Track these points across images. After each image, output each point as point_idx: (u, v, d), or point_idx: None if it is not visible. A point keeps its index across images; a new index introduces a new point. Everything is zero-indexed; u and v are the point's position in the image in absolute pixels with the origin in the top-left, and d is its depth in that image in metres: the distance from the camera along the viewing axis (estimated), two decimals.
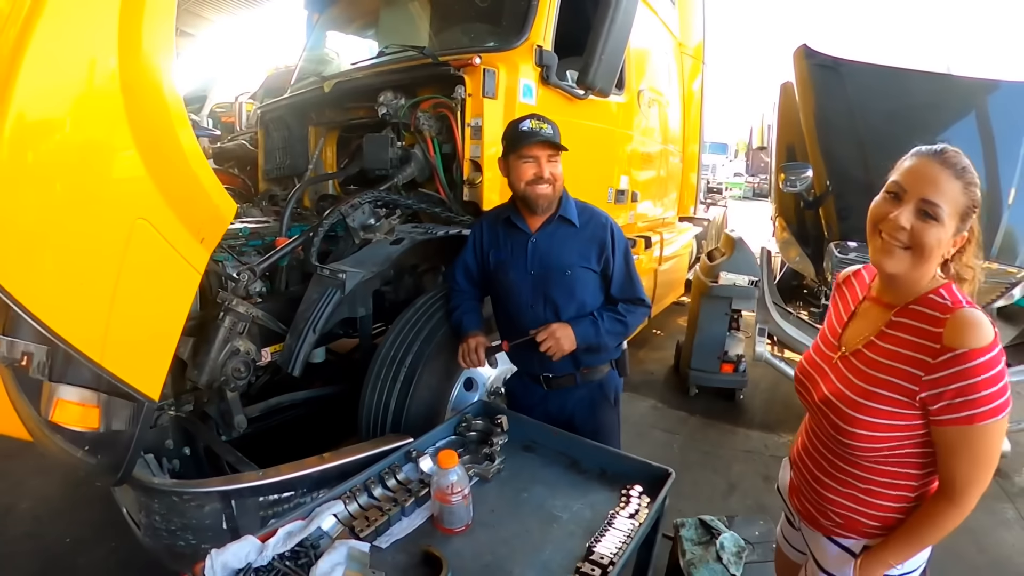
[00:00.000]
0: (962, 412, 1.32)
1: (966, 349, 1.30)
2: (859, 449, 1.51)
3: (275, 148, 4.76)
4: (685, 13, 6.70)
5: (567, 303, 2.49)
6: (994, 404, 1.30)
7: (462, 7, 4.19)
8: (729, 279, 5.25)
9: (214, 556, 1.47)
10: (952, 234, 1.40)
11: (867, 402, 1.47)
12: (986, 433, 1.32)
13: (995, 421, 1.31)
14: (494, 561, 1.64)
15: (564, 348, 2.40)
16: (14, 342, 1.75)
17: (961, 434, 1.34)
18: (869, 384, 1.48)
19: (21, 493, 3.69)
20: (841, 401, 1.53)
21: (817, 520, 1.68)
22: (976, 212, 1.41)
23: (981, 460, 1.36)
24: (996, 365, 1.30)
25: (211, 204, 1.97)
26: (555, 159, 2.40)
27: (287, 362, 2.65)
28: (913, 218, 1.40)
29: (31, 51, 1.50)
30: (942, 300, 1.41)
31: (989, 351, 1.30)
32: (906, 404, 1.41)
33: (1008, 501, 4.02)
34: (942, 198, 1.37)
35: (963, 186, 1.38)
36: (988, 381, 1.29)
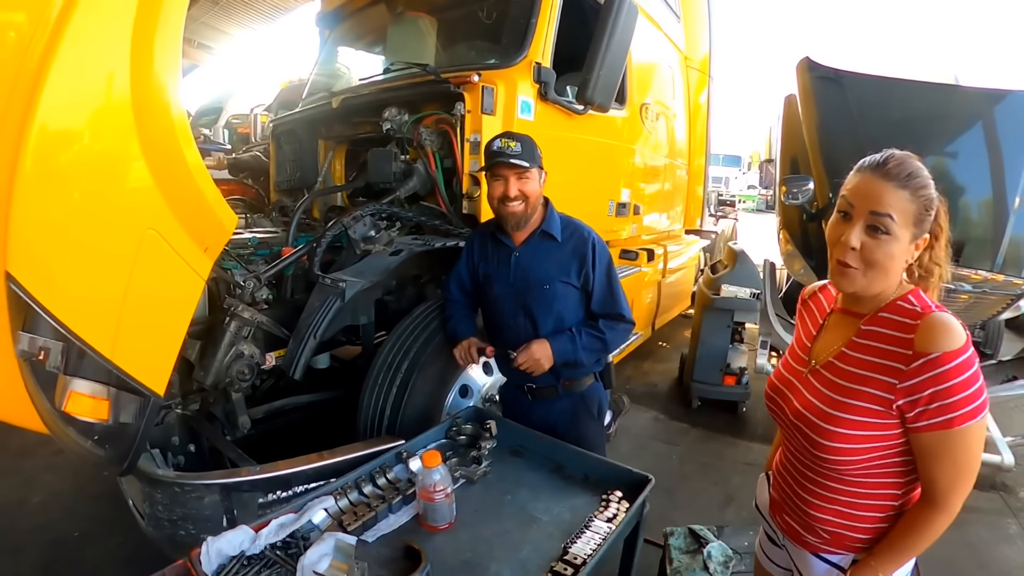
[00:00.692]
0: (940, 416, 1.30)
1: (939, 352, 1.29)
2: (837, 463, 1.48)
3: (286, 160, 4.84)
4: (691, 27, 6.73)
5: (545, 317, 2.55)
6: (972, 406, 1.29)
7: (466, 25, 4.28)
8: (731, 291, 5.28)
9: (210, 543, 1.57)
10: (909, 241, 1.39)
11: (841, 414, 1.44)
12: (965, 436, 1.31)
13: (974, 423, 1.30)
14: (473, 558, 1.71)
15: (543, 366, 2.47)
16: (33, 338, 1.87)
17: (940, 439, 1.33)
18: (842, 395, 1.46)
19: (33, 488, 3.79)
20: (814, 415, 1.50)
21: (803, 537, 1.65)
22: (932, 213, 1.40)
23: (962, 463, 1.35)
24: (970, 367, 1.29)
25: (214, 216, 2.08)
26: (526, 176, 2.44)
27: (289, 366, 2.74)
28: (863, 235, 1.38)
29: (55, 69, 1.62)
30: (911, 306, 1.40)
31: (962, 353, 1.28)
32: (882, 414, 1.39)
33: (1011, 516, 3.97)
34: (890, 206, 1.35)
35: (910, 193, 1.36)
36: (964, 383, 1.28)
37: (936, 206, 1.40)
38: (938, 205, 1.41)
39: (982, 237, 4.30)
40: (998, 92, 4.53)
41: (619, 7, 3.47)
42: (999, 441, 4.11)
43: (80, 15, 1.64)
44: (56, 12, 1.63)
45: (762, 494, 1.90)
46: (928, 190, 1.38)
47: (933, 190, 1.39)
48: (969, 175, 4.46)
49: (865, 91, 4.81)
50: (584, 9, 3.92)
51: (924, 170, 1.39)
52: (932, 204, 1.39)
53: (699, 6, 7.10)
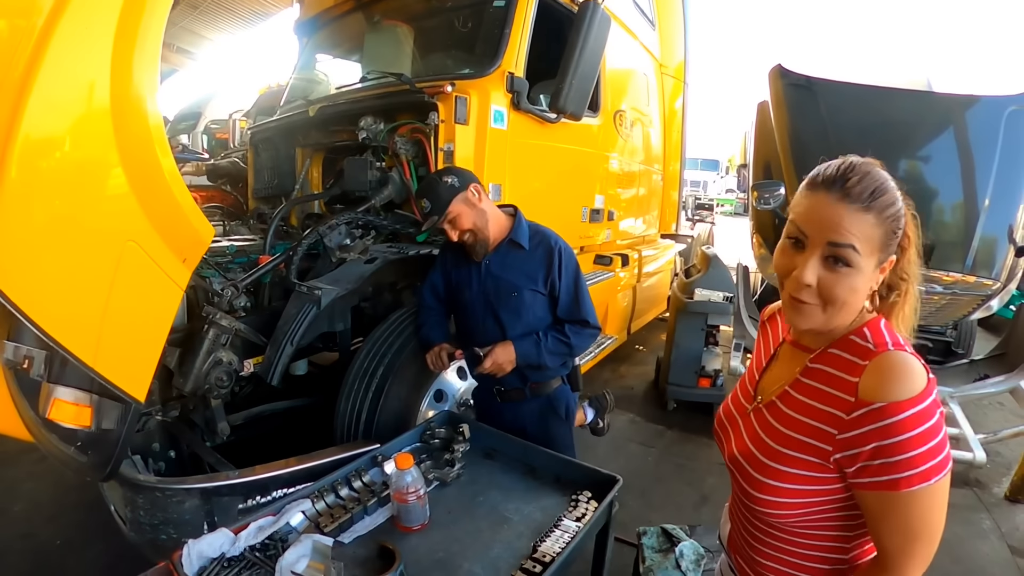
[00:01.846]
0: (883, 476, 1.09)
1: (885, 403, 1.08)
2: (769, 515, 1.30)
3: (264, 168, 4.86)
4: (666, 34, 6.82)
5: (513, 323, 2.63)
6: (923, 467, 1.07)
7: (442, 34, 4.33)
8: (704, 295, 5.32)
9: (190, 546, 1.61)
10: (874, 268, 1.17)
11: (776, 465, 1.26)
12: (916, 500, 1.10)
13: (926, 486, 1.08)
14: (446, 557, 1.76)
15: (505, 368, 2.57)
16: (18, 347, 1.92)
17: (885, 500, 1.12)
18: (779, 444, 1.27)
19: (14, 497, 3.78)
20: (748, 461, 1.33)
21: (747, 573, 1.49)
22: (900, 231, 1.17)
23: (915, 531, 1.13)
24: (925, 420, 1.07)
25: (191, 227, 2.12)
26: (454, 218, 2.54)
27: (267, 373, 2.78)
28: (820, 269, 1.17)
29: (41, 78, 1.65)
30: (863, 342, 1.19)
31: (915, 404, 1.07)
32: (819, 466, 1.19)
33: (985, 511, 4.05)
34: (851, 240, 1.13)
35: (876, 215, 1.12)
36: (914, 440, 1.06)
37: (904, 220, 1.18)
38: (906, 215, 1.19)
39: (953, 239, 4.38)
40: (969, 98, 4.60)
41: (591, 17, 3.53)
42: (971, 438, 4.20)
43: (65, 25, 1.68)
44: (42, 21, 1.66)
45: (725, 527, 1.69)
46: (895, 206, 1.15)
47: (900, 202, 1.16)
48: (940, 179, 4.53)
49: (837, 97, 4.87)
50: (558, 18, 3.98)
51: (889, 180, 1.17)
52: (900, 221, 1.17)
53: (674, 13, 7.18)
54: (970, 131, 4.47)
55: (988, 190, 4.37)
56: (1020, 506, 4.16)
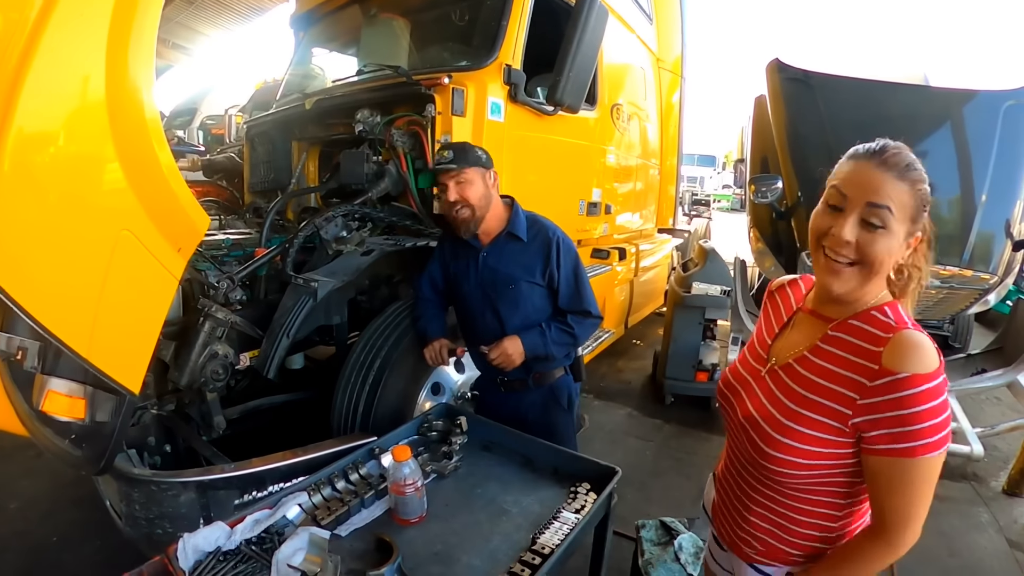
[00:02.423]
0: (900, 443, 1.19)
1: (908, 374, 1.18)
2: (781, 474, 1.37)
3: (260, 162, 4.85)
4: (663, 28, 6.81)
5: (511, 314, 2.62)
6: (936, 437, 1.17)
7: (439, 27, 4.31)
8: (701, 289, 5.33)
9: (186, 539, 1.60)
10: (904, 238, 1.26)
11: (793, 424, 1.33)
12: (925, 467, 1.20)
13: (935, 456, 1.18)
14: (444, 550, 1.75)
15: (514, 361, 2.55)
16: (11, 338, 1.89)
17: (898, 467, 1.21)
18: (797, 404, 1.35)
19: (9, 494, 3.77)
20: (766, 421, 1.40)
21: (738, 546, 1.58)
22: (927, 209, 1.27)
23: (918, 496, 1.23)
24: (940, 394, 1.18)
25: (187, 217, 2.10)
26: (463, 180, 2.50)
27: (263, 366, 2.77)
28: (858, 230, 1.26)
29: (33, 71, 1.63)
30: (884, 318, 1.28)
31: (934, 378, 1.17)
32: (836, 430, 1.28)
33: (982, 505, 4.07)
34: (888, 202, 1.23)
35: (910, 186, 1.23)
36: (931, 411, 1.16)
37: (928, 206, 1.28)
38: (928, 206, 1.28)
39: (950, 233, 4.38)
40: (967, 92, 4.60)
41: (589, 9, 3.52)
42: (969, 432, 4.21)
43: (58, 17, 1.66)
44: (35, 14, 1.64)
45: (709, 495, 1.82)
46: (925, 184, 1.25)
47: (928, 184, 1.26)
48: (937, 173, 4.47)
49: (834, 92, 4.88)
50: (555, 11, 3.97)
51: (919, 162, 1.26)
52: (927, 201, 1.26)
53: (671, 8, 7.17)
54: (967, 125, 4.48)
55: (985, 184, 4.37)
56: (1017, 499, 4.17)
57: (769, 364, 1.50)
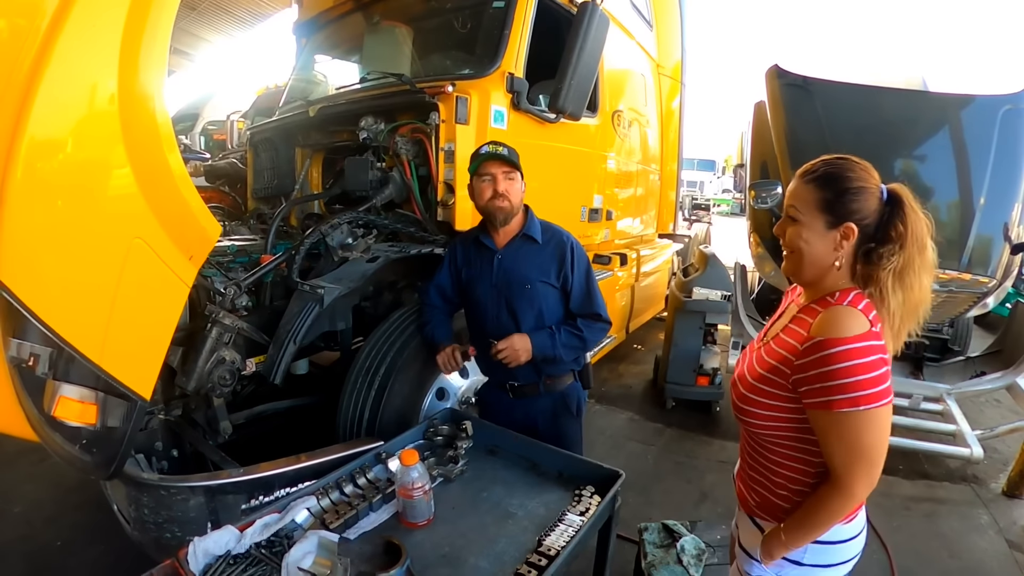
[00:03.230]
0: (820, 397, 1.40)
1: (823, 338, 1.39)
2: (753, 427, 1.63)
3: (263, 168, 4.86)
4: (663, 35, 6.84)
5: (526, 314, 2.64)
6: (853, 394, 1.34)
7: (442, 35, 4.34)
8: (702, 294, 5.34)
9: (196, 543, 1.62)
10: (825, 227, 1.49)
11: (758, 384, 1.59)
12: (849, 421, 1.37)
13: (858, 411, 1.35)
14: (451, 552, 1.78)
15: (520, 358, 2.56)
16: (23, 344, 1.91)
17: (824, 419, 1.42)
18: (763, 369, 1.59)
19: (13, 498, 3.78)
20: (741, 383, 1.68)
21: (744, 499, 1.78)
22: (845, 200, 1.46)
23: (854, 448, 1.40)
24: (859, 356, 1.35)
25: (198, 225, 2.13)
26: (511, 176, 2.58)
27: (269, 372, 2.78)
28: (783, 226, 1.58)
29: (47, 77, 1.66)
30: (830, 299, 1.50)
31: (848, 343, 1.36)
32: (782, 386, 1.51)
33: (982, 507, 4.08)
34: (794, 200, 1.53)
35: (816, 186, 1.49)
36: (847, 370, 1.35)
37: (857, 193, 1.46)
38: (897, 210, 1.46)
39: (949, 237, 4.39)
40: (964, 97, 4.62)
41: (590, 17, 3.55)
42: (968, 434, 4.23)
43: (72, 24, 1.68)
44: (48, 21, 1.66)
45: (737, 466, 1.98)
46: (840, 183, 1.47)
47: (853, 182, 1.47)
48: (936, 177, 4.55)
49: (833, 97, 4.89)
50: (556, 19, 3.99)
51: (857, 170, 1.49)
52: (848, 193, 1.46)
53: (671, 14, 7.20)
54: (965, 130, 4.50)
55: (984, 188, 4.39)
56: (1017, 501, 4.18)
57: (761, 343, 1.75)
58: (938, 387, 4.83)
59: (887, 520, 3.78)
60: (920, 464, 4.60)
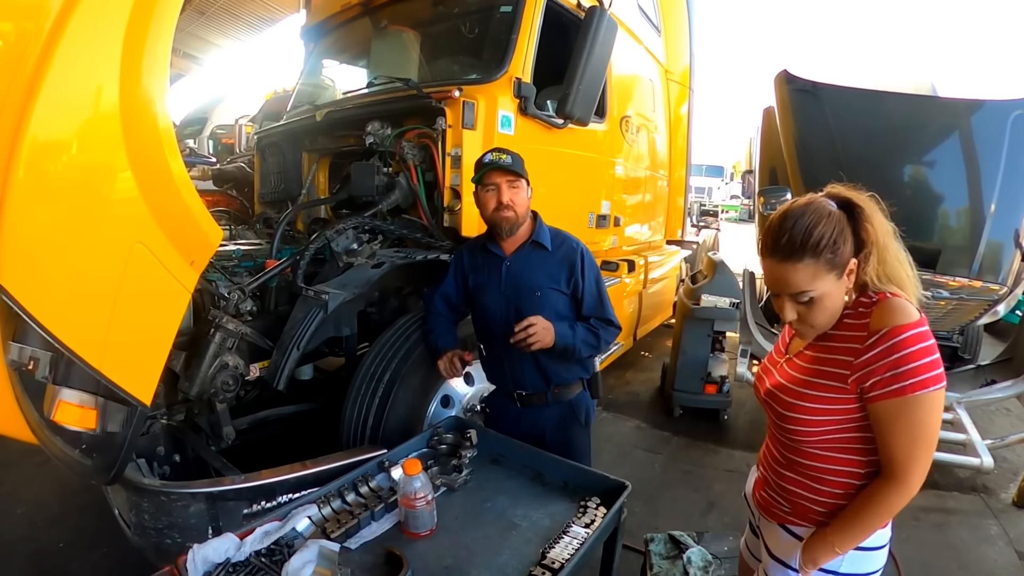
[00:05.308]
0: (894, 384, 1.37)
1: (891, 326, 1.38)
2: (800, 434, 1.58)
3: (270, 172, 4.85)
4: (671, 40, 6.81)
5: None
6: (926, 376, 1.35)
7: (449, 40, 4.33)
8: (710, 301, 5.31)
9: (196, 550, 1.60)
10: (838, 279, 1.46)
11: (804, 390, 1.55)
12: (921, 404, 1.37)
13: (927, 392, 1.36)
14: (454, 563, 1.75)
15: (545, 339, 2.45)
16: (23, 348, 1.90)
17: (895, 407, 1.39)
18: (807, 375, 1.57)
19: (16, 499, 3.79)
20: (781, 391, 1.63)
21: (773, 508, 1.74)
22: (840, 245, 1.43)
23: (919, 434, 1.39)
24: (924, 340, 1.37)
25: (199, 230, 2.12)
26: (516, 186, 2.53)
27: (273, 377, 2.77)
28: (797, 307, 1.51)
29: (49, 80, 1.65)
30: (868, 299, 1.49)
31: (915, 327, 1.37)
32: (839, 389, 1.48)
33: (992, 517, 4.03)
34: (801, 286, 1.45)
35: (809, 258, 1.42)
36: (917, 353, 1.35)
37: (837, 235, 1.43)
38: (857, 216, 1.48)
39: (959, 244, 4.38)
40: (974, 102, 4.60)
41: (598, 22, 3.54)
42: (978, 444, 4.18)
43: (74, 26, 1.68)
44: (50, 23, 1.66)
45: (750, 483, 1.97)
46: (825, 237, 1.42)
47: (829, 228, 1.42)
48: (946, 183, 4.54)
49: (842, 102, 4.88)
50: (564, 24, 3.98)
51: (812, 216, 1.43)
52: (834, 241, 1.42)
53: (679, 19, 7.17)
54: (975, 136, 4.48)
55: (994, 195, 4.37)
56: None
57: (786, 356, 1.74)
58: (948, 396, 4.78)
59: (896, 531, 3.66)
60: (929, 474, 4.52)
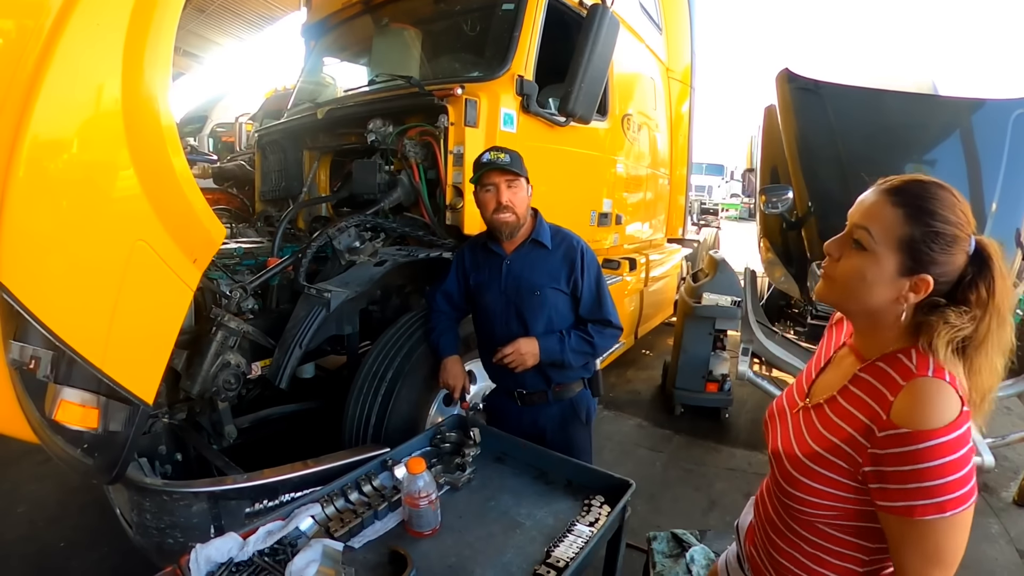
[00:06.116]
0: (900, 501, 1.12)
1: (911, 430, 1.10)
2: (802, 512, 1.34)
3: (271, 171, 4.84)
4: (672, 38, 6.80)
5: (536, 321, 2.61)
6: (941, 499, 1.08)
7: (451, 37, 4.32)
8: (712, 299, 5.31)
9: (198, 550, 1.59)
10: (895, 271, 1.19)
11: (811, 464, 1.29)
12: (932, 529, 1.11)
13: (941, 518, 1.09)
14: (458, 562, 1.74)
15: (527, 362, 2.53)
16: (24, 347, 1.89)
17: (900, 525, 1.14)
18: (818, 445, 1.30)
19: (17, 498, 3.77)
20: (788, 458, 1.37)
21: (761, 572, 1.54)
22: (937, 252, 1.17)
23: (932, 557, 1.13)
24: (951, 452, 1.07)
25: (202, 228, 2.11)
26: (514, 185, 2.52)
27: (275, 375, 2.76)
28: (842, 247, 1.27)
29: (50, 77, 1.64)
30: (907, 362, 1.18)
31: (943, 435, 1.07)
32: (850, 474, 1.22)
33: (993, 516, 4.04)
34: (871, 222, 1.21)
35: (906, 214, 1.17)
36: (936, 470, 1.08)
37: (949, 239, 1.17)
38: (961, 261, 1.19)
39: None
40: (975, 101, 4.59)
41: (600, 20, 3.53)
42: (979, 442, 4.17)
43: (75, 24, 1.67)
44: (51, 21, 1.65)
45: (745, 518, 1.76)
46: (938, 223, 1.17)
47: (952, 228, 1.17)
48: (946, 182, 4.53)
49: (844, 101, 4.86)
50: (566, 22, 3.97)
51: (952, 205, 1.19)
52: (941, 241, 1.17)
53: (681, 18, 7.15)
54: (976, 135, 4.47)
55: (995, 194, 4.36)
56: None
57: (805, 401, 1.45)
58: None
59: None
60: None
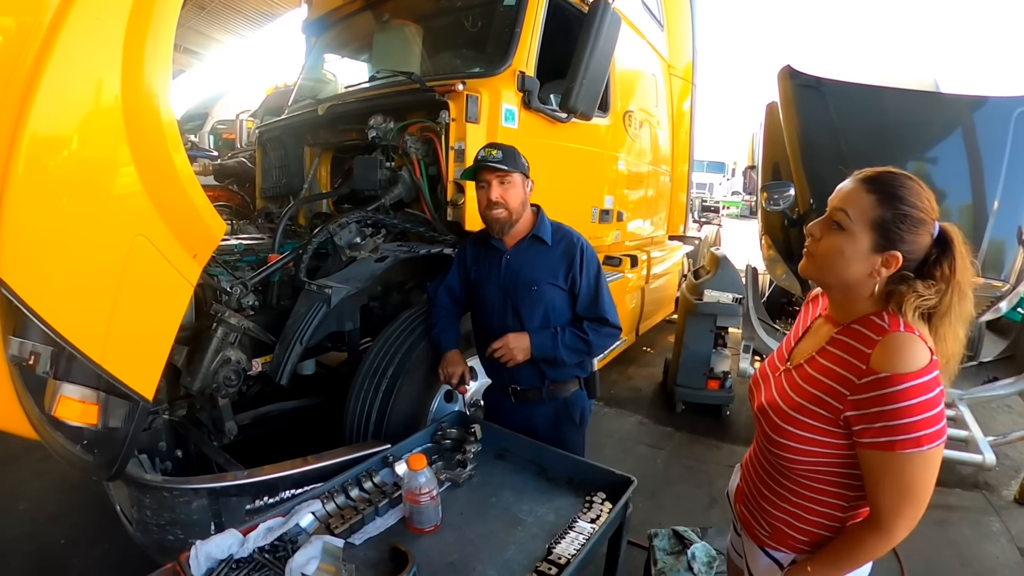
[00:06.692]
0: (881, 437, 1.27)
1: (889, 373, 1.26)
2: (787, 460, 1.49)
3: (272, 167, 4.84)
4: (674, 35, 6.78)
5: (532, 316, 2.59)
6: (917, 434, 1.24)
7: (452, 33, 4.31)
8: (713, 296, 5.29)
9: (199, 547, 1.59)
10: (868, 248, 1.36)
11: (796, 414, 1.45)
12: (909, 462, 1.27)
13: (918, 452, 1.25)
14: (459, 559, 1.74)
15: (517, 357, 2.52)
16: (24, 343, 1.88)
17: (882, 459, 1.30)
18: (801, 398, 1.46)
19: (18, 496, 3.77)
20: (773, 411, 1.52)
21: (752, 528, 1.69)
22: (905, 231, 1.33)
23: (906, 491, 1.29)
24: (924, 392, 1.24)
25: (203, 223, 2.10)
26: (507, 181, 2.51)
27: (275, 372, 2.76)
28: (823, 228, 1.44)
29: (48, 73, 1.63)
30: (879, 322, 1.36)
31: (916, 377, 1.24)
32: (831, 421, 1.38)
33: (994, 514, 4.03)
34: (848, 205, 1.37)
35: (878, 199, 1.34)
36: (912, 408, 1.24)
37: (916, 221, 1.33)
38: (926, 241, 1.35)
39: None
40: (977, 98, 4.60)
41: (602, 16, 3.53)
42: (980, 440, 4.17)
43: (74, 20, 1.66)
44: (50, 17, 1.64)
45: (733, 483, 1.95)
46: (906, 207, 1.33)
47: (918, 212, 1.33)
48: (948, 180, 4.53)
49: (845, 98, 4.88)
50: (568, 18, 3.96)
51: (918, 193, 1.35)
52: (909, 222, 1.33)
53: (682, 14, 7.15)
54: (978, 132, 4.49)
55: (997, 191, 4.37)
56: None
57: (786, 365, 1.63)
58: (950, 392, 4.76)
59: None
60: None
